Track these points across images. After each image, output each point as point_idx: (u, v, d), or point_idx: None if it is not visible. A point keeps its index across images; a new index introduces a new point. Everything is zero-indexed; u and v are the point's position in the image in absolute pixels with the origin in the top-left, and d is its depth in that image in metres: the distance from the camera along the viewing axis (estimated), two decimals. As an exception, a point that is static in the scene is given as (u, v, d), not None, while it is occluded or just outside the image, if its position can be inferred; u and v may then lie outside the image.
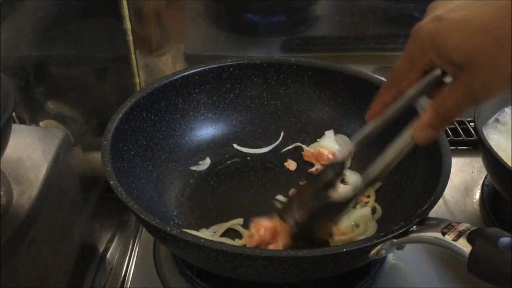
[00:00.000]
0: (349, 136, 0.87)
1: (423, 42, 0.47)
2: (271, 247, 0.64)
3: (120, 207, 0.67)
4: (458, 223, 0.55)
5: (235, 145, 0.87)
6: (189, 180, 0.82)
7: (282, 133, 0.90)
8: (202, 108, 0.86)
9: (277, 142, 0.89)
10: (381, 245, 0.57)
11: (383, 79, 0.83)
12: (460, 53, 0.44)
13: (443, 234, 0.54)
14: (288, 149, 0.88)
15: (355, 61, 1.08)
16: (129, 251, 0.79)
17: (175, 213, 0.77)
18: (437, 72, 0.51)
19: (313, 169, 0.84)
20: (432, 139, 0.52)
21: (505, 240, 0.49)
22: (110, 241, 0.85)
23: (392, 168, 0.57)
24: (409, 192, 0.73)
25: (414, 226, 0.57)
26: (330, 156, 0.83)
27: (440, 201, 0.64)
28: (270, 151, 0.88)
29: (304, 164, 0.86)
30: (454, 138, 0.97)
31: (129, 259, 0.77)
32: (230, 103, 0.88)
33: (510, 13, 0.41)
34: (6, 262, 0.56)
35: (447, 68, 0.48)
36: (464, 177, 0.90)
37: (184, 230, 0.62)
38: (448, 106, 0.48)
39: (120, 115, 0.72)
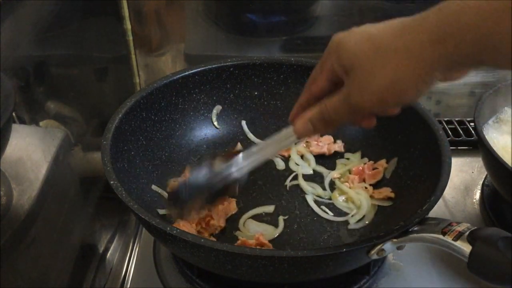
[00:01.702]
0: (349, 135, 0.87)
1: (332, 46, 0.50)
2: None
3: (120, 207, 0.67)
4: (458, 223, 0.55)
5: (239, 144, 0.88)
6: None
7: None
8: (202, 108, 0.86)
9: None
10: (381, 245, 0.57)
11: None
12: (349, 55, 0.47)
13: (443, 234, 0.54)
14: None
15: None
16: (129, 251, 0.79)
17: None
18: None
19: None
20: (308, 134, 0.53)
21: (505, 240, 0.49)
22: (110, 241, 0.85)
23: (269, 155, 0.60)
24: (409, 192, 0.74)
25: (414, 226, 0.57)
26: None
27: (440, 201, 0.64)
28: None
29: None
30: (454, 138, 0.97)
31: (129, 259, 0.77)
32: (230, 103, 0.88)
33: (397, 27, 0.45)
34: (6, 262, 0.56)
35: (341, 74, 0.49)
36: (464, 177, 0.90)
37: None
38: (328, 108, 0.50)
39: (120, 115, 0.72)
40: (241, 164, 0.61)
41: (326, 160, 0.86)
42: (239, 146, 0.87)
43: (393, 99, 0.46)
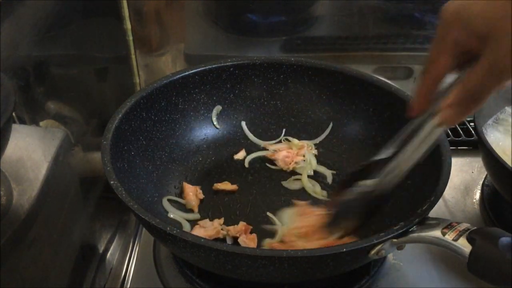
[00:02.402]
0: (349, 135, 0.87)
1: (449, 17, 0.46)
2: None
3: (120, 207, 0.67)
4: (458, 223, 0.55)
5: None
6: (189, 180, 0.82)
7: (282, 133, 0.90)
8: (202, 108, 0.86)
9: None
10: (381, 245, 0.57)
11: (383, 79, 0.83)
12: (483, 20, 0.43)
13: (443, 234, 0.54)
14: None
15: (355, 61, 1.08)
16: (129, 251, 0.79)
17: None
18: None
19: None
20: (459, 119, 0.49)
21: (505, 240, 0.49)
22: (110, 241, 0.85)
23: (420, 157, 0.55)
24: (409, 192, 0.73)
25: (414, 226, 0.57)
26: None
27: (440, 201, 0.64)
28: (270, 151, 0.88)
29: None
30: (454, 138, 0.97)
31: (129, 259, 0.77)
32: (230, 103, 0.88)
33: None
34: (6, 262, 0.56)
35: (473, 44, 0.45)
36: (464, 177, 0.90)
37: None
38: (472, 82, 0.46)
39: (120, 115, 0.72)
40: (390, 176, 0.58)
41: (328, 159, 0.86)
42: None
43: None
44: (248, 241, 0.70)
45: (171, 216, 0.75)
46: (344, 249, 0.55)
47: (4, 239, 0.55)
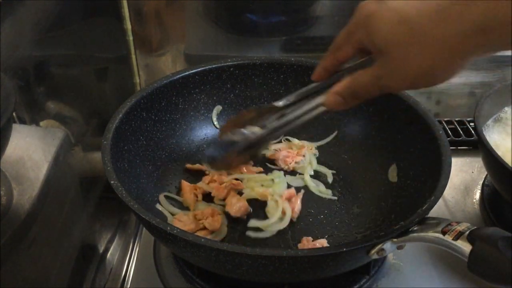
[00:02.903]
0: (349, 135, 0.87)
1: (360, 19, 0.49)
2: None
3: (120, 207, 0.67)
4: (458, 222, 0.55)
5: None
6: (190, 180, 0.82)
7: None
8: (202, 108, 0.86)
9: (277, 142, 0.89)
10: (381, 244, 0.57)
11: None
12: (381, 37, 0.46)
13: (443, 233, 0.54)
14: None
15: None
16: (129, 251, 0.79)
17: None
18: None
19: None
20: (339, 107, 0.54)
21: (505, 240, 0.49)
22: (110, 241, 0.85)
23: (298, 125, 0.59)
24: (409, 192, 0.74)
25: (414, 226, 0.58)
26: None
27: (440, 201, 0.64)
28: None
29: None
30: (454, 138, 0.97)
31: (129, 259, 0.77)
32: (230, 103, 0.88)
33: (436, 12, 0.42)
34: (6, 262, 0.56)
35: (372, 50, 0.49)
36: (464, 177, 0.90)
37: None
38: (357, 83, 0.51)
39: (121, 115, 0.72)
40: (268, 129, 0.62)
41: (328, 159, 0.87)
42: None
43: (424, 84, 0.46)
44: (213, 222, 0.72)
45: (158, 208, 0.76)
46: (344, 249, 0.55)
47: (4, 239, 0.55)
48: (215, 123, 0.88)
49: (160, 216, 0.74)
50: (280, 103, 0.61)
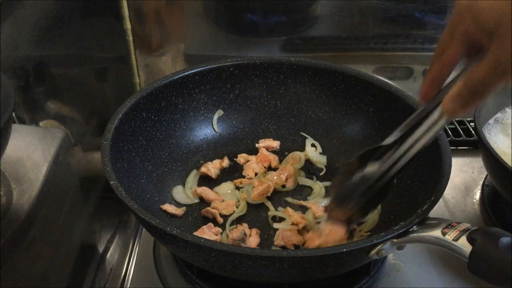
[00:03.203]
0: (349, 135, 0.87)
1: (461, 9, 0.47)
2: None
3: (120, 207, 0.67)
4: (458, 223, 0.55)
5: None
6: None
7: (282, 133, 0.90)
8: (202, 108, 0.86)
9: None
10: (381, 245, 0.57)
11: (383, 79, 0.83)
12: (491, 17, 0.44)
13: (444, 234, 0.54)
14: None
15: (355, 61, 1.08)
16: (129, 251, 0.79)
17: (175, 213, 0.77)
18: None
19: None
20: (461, 111, 0.49)
21: (505, 240, 0.49)
22: (110, 241, 0.85)
23: (423, 146, 0.56)
24: (409, 192, 0.73)
25: (414, 226, 0.57)
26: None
27: (440, 201, 0.64)
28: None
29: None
30: (454, 138, 0.97)
31: (129, 259, 0.77)
32: (230, 103, 0.88)
33: None
34: (6, 262, 0.56)
35: (481, 38, 0.46)
36: (464, 177, 0.90)
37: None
38: (475, 78, 0.46)
39: (120, 115, 0.72)
40: (394, 162, 0.59)
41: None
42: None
43: None
44: (252, 238, 0.71)
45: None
46: (344, 249, 0.55)
47: (4, 239, 0.55)
48: (215, 127, 0.88)
49: (160, 216, 0.74)
50: (388, 141, 0.58)
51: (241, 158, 0.86)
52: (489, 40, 0.45)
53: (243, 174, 0.83)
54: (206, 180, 0.83)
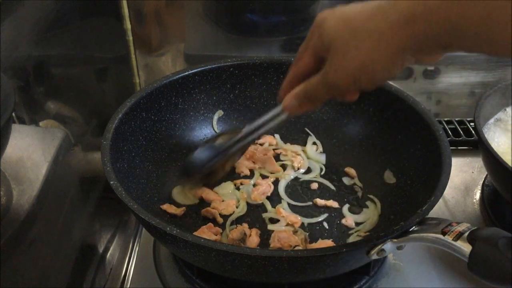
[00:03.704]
0: (349, 135, 0.87)
1: (315, 24, 0.52)
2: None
3: (120, 207, 0.67)
4: (458, 223, 0.55)
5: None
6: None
7: (282, 133, 0.90)
8: (202, 108, 0.86)
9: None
10: (381, 245, 0.57)
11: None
12: (329, 35, 0.49)
13: (443, 234, 0.54)
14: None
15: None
16: (129, 251, 0.79)
17: (175, 213, 0.77)
18: None
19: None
20: (294, 109, 0.56)
21: (505, 240, 0.49)
22: (110, 241, 0.85)
23: (263, 132, 0.63)
24: (409, 192, 0.74)
25: (414, 226, 0.57)
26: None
27: (440, 201, 0.64)
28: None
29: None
30: (454, 138, 0.97)
31: (129, 259, 0.77)
32: (230, 103, 0.88)
33: (371, 9, 0.46)
34: (6, 262, 0.56)
35: (324, 53, 0.50)
36: (464, 177, 0.90)
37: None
38: (309, 84, 0.53)
39: (120, 115, 0.72)
40: (237, 142, 0.65)
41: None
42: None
43: (366, 79, 0.48)
44: (252, 238, 0.71)
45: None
46: (344, 249, 0.55)
47: (4, 239, 0.55)
48: (215, 127, 0.88)
49: (160, 216, 0.74)
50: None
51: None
52: (327, 53, 0.49)
53: (236, 172, 0.83)
54: (206, 180, 0.83)
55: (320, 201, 0.78)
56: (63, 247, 0.72)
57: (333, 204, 0.78)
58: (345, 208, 0.78)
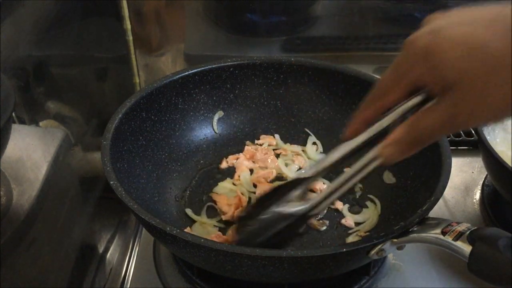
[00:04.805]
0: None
1: (416, 54, 0.43)
2: None
3: (120, 207, 0.67)
4: (458, 223, 0.55)
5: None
6: (189, 180, 0.82)
7: (282, 133, 0.90)
8: (202, 108, 0.86)
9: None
10: (381, 245, 0.57)
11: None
12: (454, 70, 0.40)
13: (443, 234, 0.54)
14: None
15: (355, 61, 1.08)
16: (129, 251, 0.79)
17: (175, 213, 0.77)
18: (419, 98, 0.47)
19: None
20: (399, 158, 0.48)
21: (505, 240, 0.49)
22: (110, 241, 0.85)
23: (354, 184, 0.55)
24: (409, 192, 0.73)
25: (414, 226, 0.57)
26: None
27: (440, 201, 0.64)
28: (270, 151, 0.88)
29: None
30: (454, 138, 0.97)
31: (129, 259, 0.77)
32: (230, 103, 0.88)
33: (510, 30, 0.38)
34: (6, 262, 0.56)
35: (434, 87, 0.43)
36: (464, 177, 0.90)
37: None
38: (422, 125, 0.44)
39: (120, 115, 0.72)
40: (321, 201, 0.57)
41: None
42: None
43: (508, 116, 0.41)
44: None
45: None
46: (344, 249, 0.55)
47: (4, 239, 0.55)
48: (215, 128, 0.88)
49: (160, 216, 0.74)
50: (307, 173, 0.54)
51: (232, 158, 0.86)
52: (444, 91, 0.42)
53: (238, 174, 0.83)
54: (206, 181, 0.83)
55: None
56: (63, 247, 0.72)
57: (338, 205, 0.78)
58: (345, 208, 0.78)
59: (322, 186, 0.79)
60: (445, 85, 0.41)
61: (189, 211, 0.76)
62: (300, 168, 0.85)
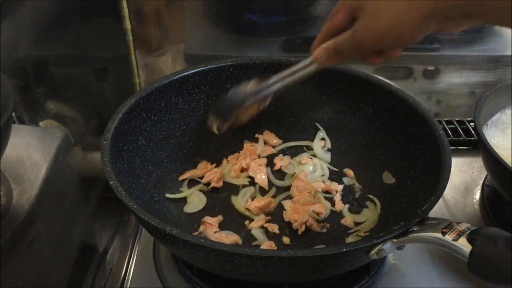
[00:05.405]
0: (349, 135, 0.87)
1: None
2: None
3: (120, 207, 0.67)
4: (458, 223, 0.55)
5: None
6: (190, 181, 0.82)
7: (282, 133, 0.90)
8: (202, 108, 0.86)
9: (277, 142, 0.89)
10: (381, 245, 0.57)
11: (383, 79, 0.83)
12: None
13: (443, 234, 0.54)
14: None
15: (355, 61, 1.08)
16: (129, 251, 0.79)
17: (175, 213, 0.77)
18: None
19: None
20: (323, 60, 0.60)
21: (505, 239, 0.49)
22: (110, 241, 0.85)
23: (288, 83, 0.65)
24: (409, 192, 0.73)
25: (414, 226, 0.57)
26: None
27: (440, 201, 0.64)
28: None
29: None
30: (454, 138, 0.97)
31: (129, 259, 0.77)
32: (230, 103, 0.88)
33: None
34: (6, 262, 0.56)
35: (356, 11, 0.53)
36: (464, 177, 0.90)
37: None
38: (339, 39, 0.56)
39: (120, 115, 0.72)
40: (267, 88, 0.67)
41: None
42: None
43: (391, 40, 0.51)
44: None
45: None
46: (344, 249, 0.55)
47: (4, 239, 0.55)
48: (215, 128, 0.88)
49: (160, 216, 0.74)
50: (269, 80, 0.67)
51: (232, 158, 0.86)
52: (359, 12, 0.52)
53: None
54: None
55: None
56: (63, 247, 0.72)
57: (338, 205, 0.78)
58: (345, 208, 0.78)
59: (337, 187, 0.81)
60: (359, 8, 0.52)
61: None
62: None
